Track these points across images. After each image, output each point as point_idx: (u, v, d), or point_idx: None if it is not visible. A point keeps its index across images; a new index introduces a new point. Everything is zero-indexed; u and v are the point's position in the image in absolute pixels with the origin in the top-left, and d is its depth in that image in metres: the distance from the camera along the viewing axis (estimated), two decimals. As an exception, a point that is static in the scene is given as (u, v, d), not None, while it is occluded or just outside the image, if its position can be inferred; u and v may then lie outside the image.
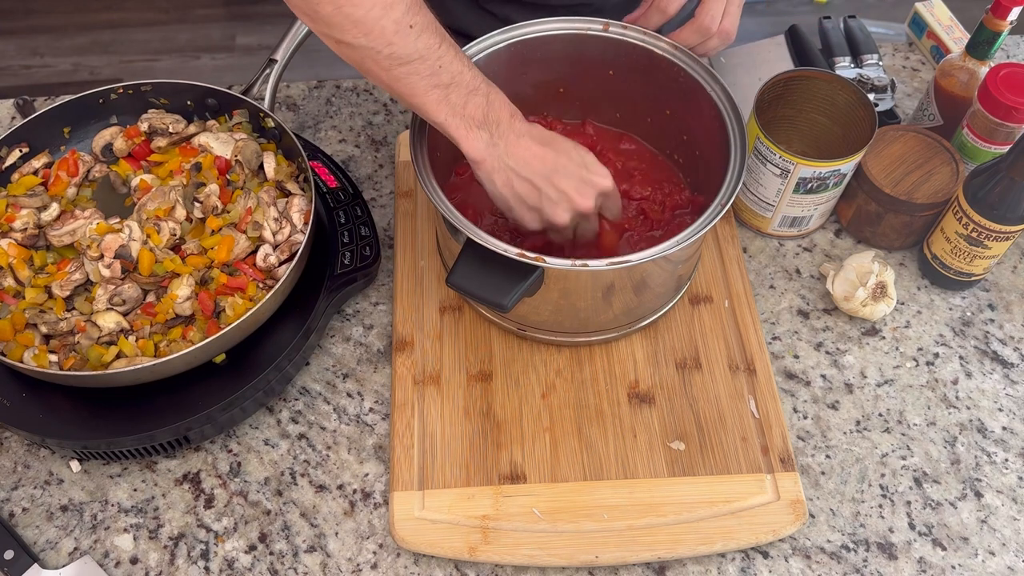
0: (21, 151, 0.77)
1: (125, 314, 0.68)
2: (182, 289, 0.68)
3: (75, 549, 0.68)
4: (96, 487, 0.71)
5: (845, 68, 0.92)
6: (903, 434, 0.74)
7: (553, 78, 0.80)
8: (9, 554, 0.66)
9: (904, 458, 0.73)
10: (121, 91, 0.79)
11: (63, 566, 0.67)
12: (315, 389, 0.76)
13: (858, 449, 0.73)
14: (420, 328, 0.77)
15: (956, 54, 0.84)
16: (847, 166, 0.76)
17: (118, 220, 0.72)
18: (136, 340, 0.68)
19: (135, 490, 0.71)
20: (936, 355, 0.78)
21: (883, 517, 0.70)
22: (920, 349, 0.78)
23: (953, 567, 0.68)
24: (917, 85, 0.97)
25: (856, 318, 0.80)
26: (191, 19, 2.31)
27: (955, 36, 0.96)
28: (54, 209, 0.73)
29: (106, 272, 0.69)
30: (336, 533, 0.69)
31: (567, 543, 0.67)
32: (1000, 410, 0.75)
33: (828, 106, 0.82)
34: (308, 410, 0.74)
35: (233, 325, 0.66)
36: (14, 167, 0.77)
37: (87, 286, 0.70)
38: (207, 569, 0.67)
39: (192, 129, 0.79)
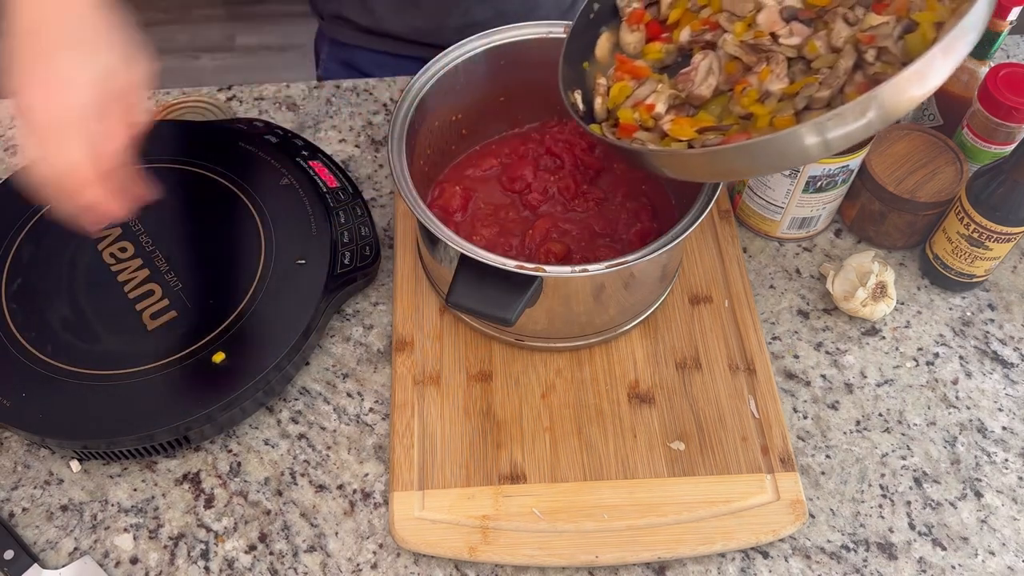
0: None
1: None
2: None
3: (75, 549, 0.68)
4: (96, 487, 0.71)
5: (845, 68, 0.92)
6: (903, 434, 0.74)
7: (534, 81, 0.79)
8: (9, 554, 0.66)
9: (904, 458, 0.73)
10: None
11: (63, 566, 0.67)
12: (315, 389, 0.76)
13: (858, 449, 0.73)
14: (420, 328, 0.77)
15: (956, 54, 0.84)
16: (855, 161, 0.76)
17: None
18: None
19: (135, 490, 0.71)
20: (936, 355, 0.78)
21: (883, 517, 0.70)
22: (920, 349, 0.78)
23: (953, 567, 0.68)
24: (917, 85, 0.97)
25: (856, 318, 0.80)
26: (191, 19, 2.31)
27: (955, 36, 0.96)
28: None
29: None
30: (336, 533, 0.69)
31: (567, 543, 0.67)
32: (1000, 410, 0.75)
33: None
34: (308, 410, 0.75)
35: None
36: None
37: None
38: (207, 569, 0.67)
39: None
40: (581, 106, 0.67)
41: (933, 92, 0.51)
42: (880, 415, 0.75)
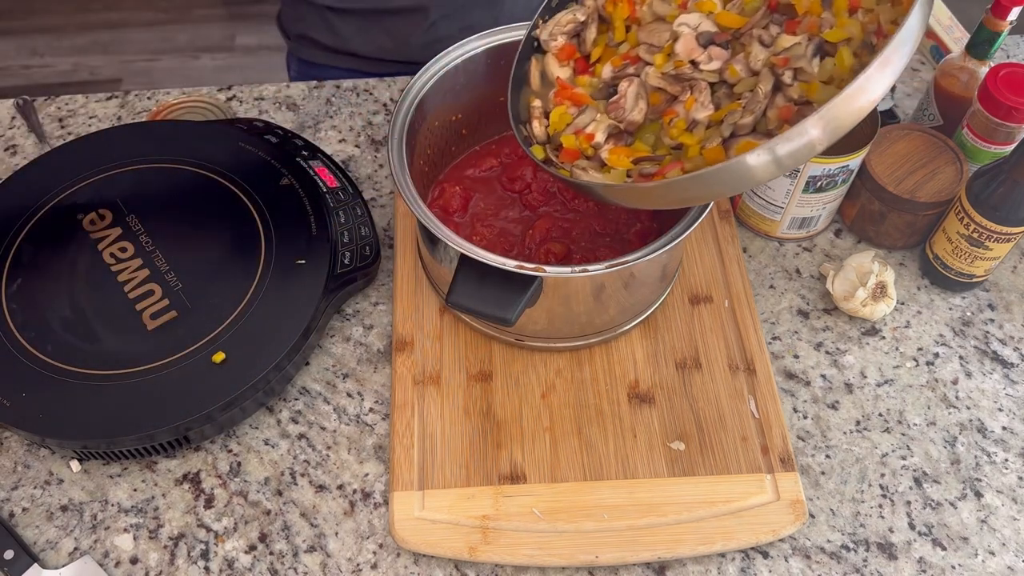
0: None
1: None
2: None
3: (75, 549, 0.68)
4: (96, 487, 0.71)
5: (845, 68, 0.92)
6: (903, 434, 0.74)
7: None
8: (9, 554, 0.66)
9: (904, 458, 0.73)
10: None
11: (63, 566, 0.67)
12: (315, 389, 0.76)
13: (858, 449, 0.73)
14: (420, 328, 0.77)
15: (956, 54, 0.84)
16: (855, 161, 0.76)
17: None
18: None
19: (135, 490, 0.71)
20: (936, 355, 0.78)
21: (883, 517, 0.70)
22: (920, 349, 0.78)
23: (953, 567, 0.68)
24: (917, 85, 0.97)
25: (856, 318, 0.80)
26: (191, 19, 2.31)
27: (955, 36, 0.96)
28: None
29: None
30: (336, 533, 0.69)
31: (567, 543, 0.67)
32: (1000, 410, 0.75)
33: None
34: (308, 410, 0.75)
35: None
36: None
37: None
38: (207, 569, 0.67)
39: None
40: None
41: (875, 105, 0.52)
42: (880, 415, 0.75)
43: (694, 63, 0.62)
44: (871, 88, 0.51)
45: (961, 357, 0.78)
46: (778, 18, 0.61)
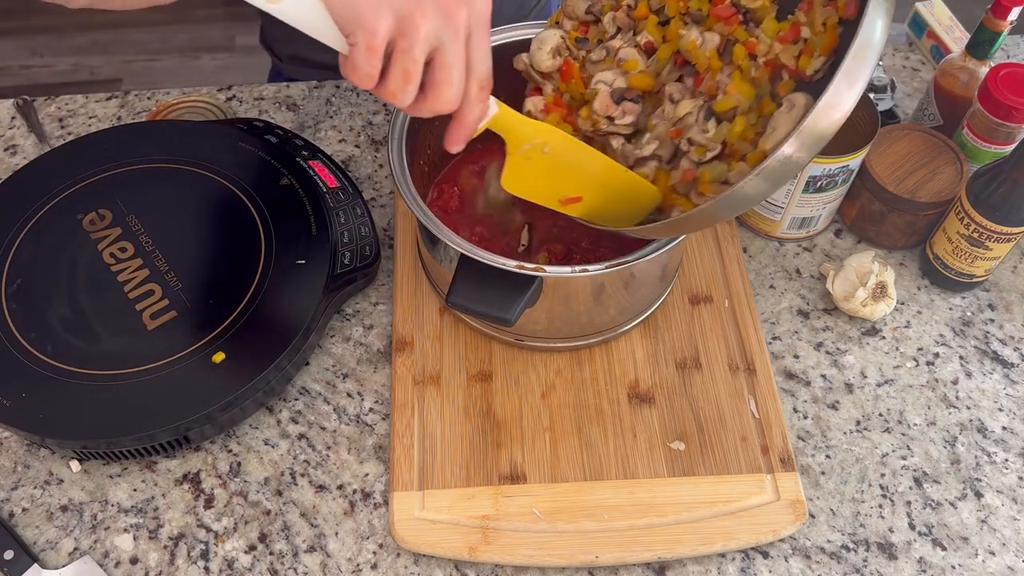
0: None
1: None
2: None
3: (75, 549, 0.68)
4: (96, 487, 0.71)
5: (845, 68, 0.92)
6: (903, 434, 0.74)
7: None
8: (9, 554, 0.66)
9: (904, 458, 0.73)
10: None
11: (63, 566, 0.67)
12: (315, 389, 0.76)
13: (858, 449, 0.73)
14: (420, 328, 0.77)
15: (956, 54, 0.84)
16: (855, 161, 0.76)
17: None
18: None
19: (135, 490, 0.71)
20: (936, 355, 0.78)
21: (883, 517, 0.70)
22: (920, 349, 0.78)
23: (953, 567, 0.68)
24: (917, 85, 0.97)
25: (856, 318, 0.80)
26: (191, 19, 2.31)
27: (955, 36, 0.96)
28: None
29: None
30: (336, 533, 0.69)
31: (567, 543, 0.67)
32: (1000, 410, 0.75)
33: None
34: (308, 410, 0.75)
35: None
36: None
37: None
38: (207, 569, 0.67)
39: None
40: None
41: (848, 115, 0.53)
42: (880, 415, 0.75)
43: (611, 118, 0.66)
44: (842, 102, 0.52)
45: (961, 357, 0.78)
46: (690, 69, 0.63)
